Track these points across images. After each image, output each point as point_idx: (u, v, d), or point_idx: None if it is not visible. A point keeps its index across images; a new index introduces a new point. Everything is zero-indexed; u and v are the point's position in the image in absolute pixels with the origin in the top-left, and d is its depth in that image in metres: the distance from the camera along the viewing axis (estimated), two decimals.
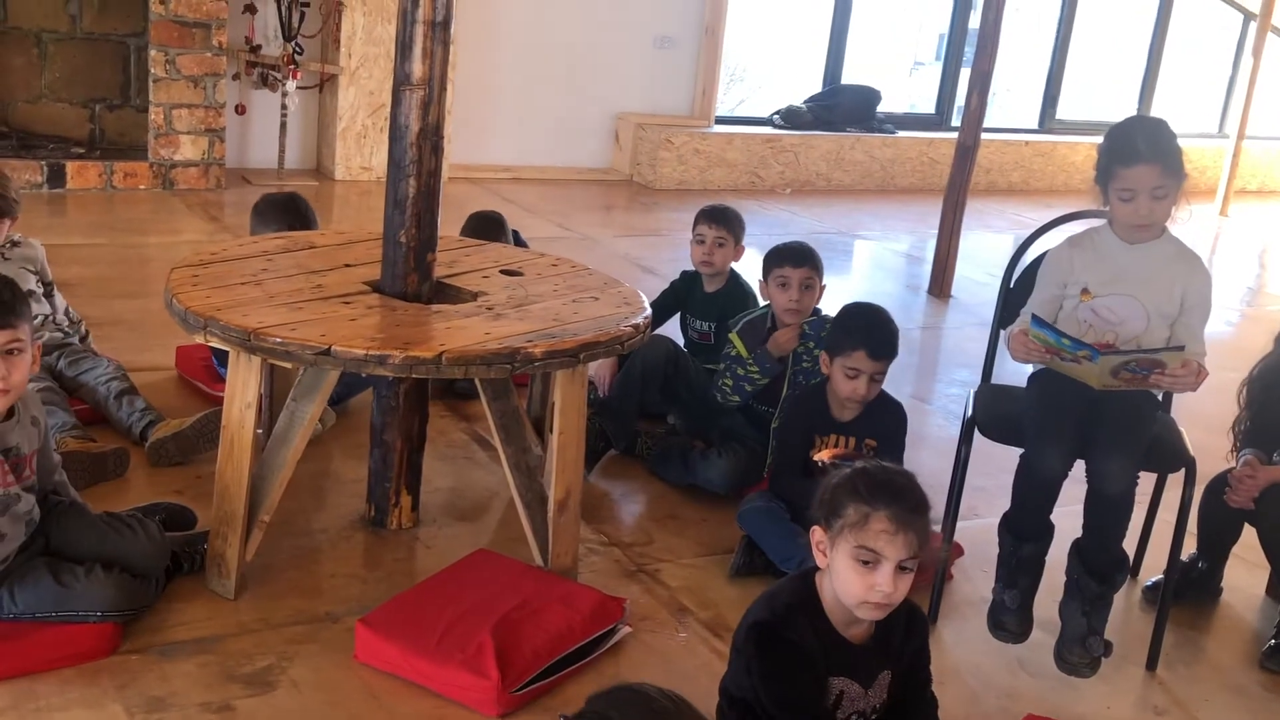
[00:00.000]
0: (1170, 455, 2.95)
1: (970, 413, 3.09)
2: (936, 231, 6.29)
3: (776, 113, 8.42)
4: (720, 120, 8.24)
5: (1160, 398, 3.03)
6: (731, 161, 8.02)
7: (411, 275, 2.97)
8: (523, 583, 2.78)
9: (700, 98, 8.09)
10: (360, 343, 2.59)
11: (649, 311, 3.06)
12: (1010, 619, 2.86)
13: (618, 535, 3.30)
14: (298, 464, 2.83)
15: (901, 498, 2.00)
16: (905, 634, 2.15)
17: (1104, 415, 2.77)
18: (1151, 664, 2.95)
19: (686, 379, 3.78)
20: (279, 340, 2.58)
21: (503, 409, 3.00)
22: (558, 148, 7.89)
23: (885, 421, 3.17)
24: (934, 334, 5.69)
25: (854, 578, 2.00)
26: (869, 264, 7.04)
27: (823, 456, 3.13)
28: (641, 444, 3.77)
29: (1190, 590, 3.25)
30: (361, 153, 7.03)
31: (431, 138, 2.93)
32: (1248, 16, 10.27)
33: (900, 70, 12.69)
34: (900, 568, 1.99)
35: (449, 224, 5.76)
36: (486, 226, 4.18)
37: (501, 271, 3.26)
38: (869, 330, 3.13)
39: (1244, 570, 3.38)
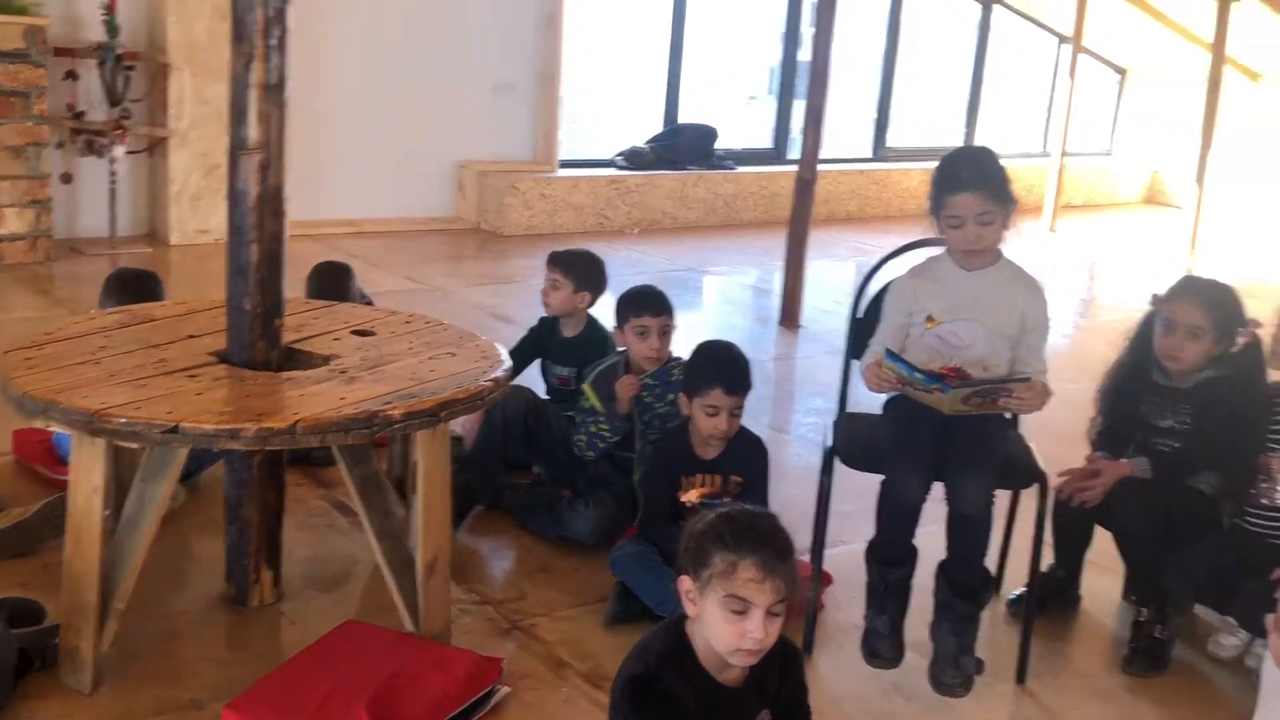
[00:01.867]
0: (1022, 471, 3.04)
1: (830, 442, 3.14)
2: (782, 264, 6.40)
3: (619, 154, 8.49)
4: (564, 164, 8.26)
5: (1010, 416, 3.12)
6: (578, 204, 8.05)
7: (259, 343, 2.90)
8: (395, 651, 2.72)
9: (542, 142, 8.11)
10: (209, 417, 2.51)
11: (509, 364, 3.04)
12: (883, 645, 2.90)
13: (489, 593, 3.26)
14: (150, 546, 2.72)
15: (767, 543, 2.00)
16: (781, 672, 2.16)
17: (958, 438, 2.85)
18: (1021, 677, 3.02)
19: (549, 428, 3.76)
20: (124, 421, 2.48)
21: (363, 474, 2.94)
22: (401, 198, 7.81)
23: (749, 457, 3.20)
24: (787, 364, 5.78)
25: (725, 626, 2.00)
26: (719, 299, 7.13)
27: (690, 498, 3.15)
28: (508, 496, 3.73)
29: (1051, 600, 3.35)
30: (197, 216, 6.85)
31: (272, 202, 2.87)
32: (1060, 39, 10.75)
33: (735, 105, 12.94)
34: (770, 613, 2.00)
35: (292, 285, 5.62)
36: (333, 276, 4.10)
37: (353, 332, 3.20)
38: (721, 367, 3.17)
39: (1098, 575, 3.49)
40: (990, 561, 2.97)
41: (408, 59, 7.60)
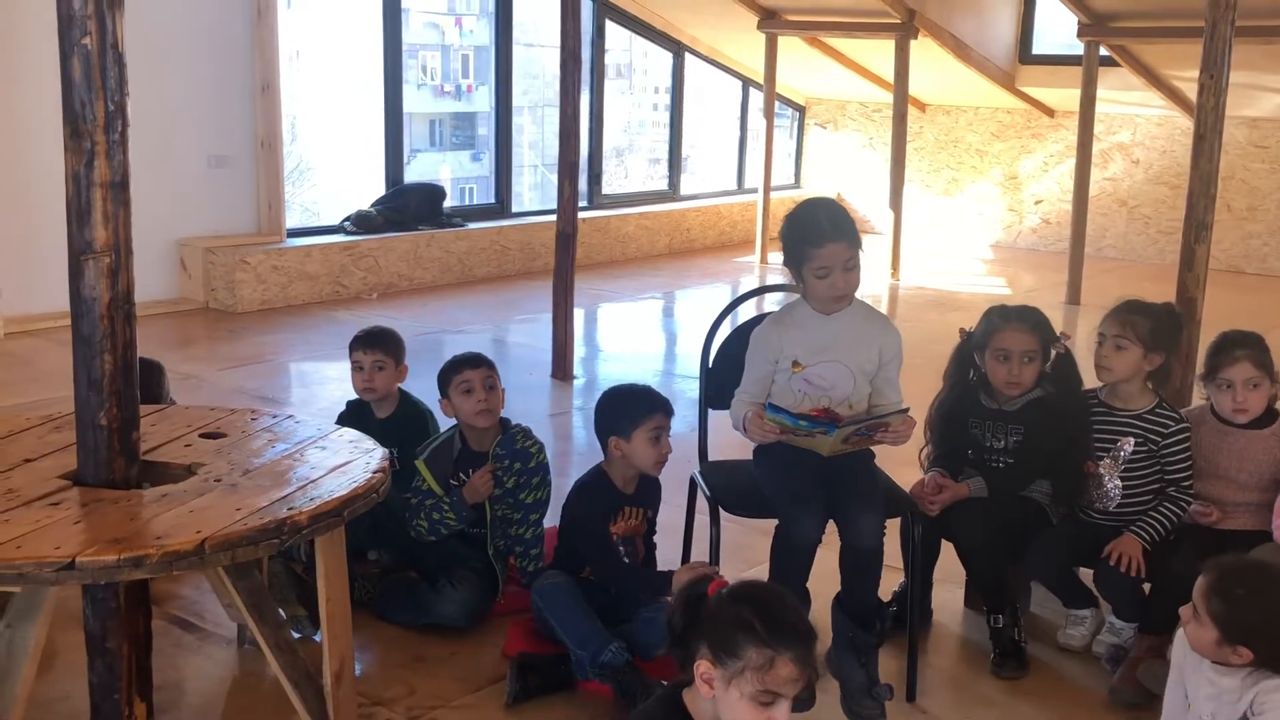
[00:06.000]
0: (892, 499, 3.19)
1: (709, 492, 3.20)
2: (524, 317, 6.43)
3: (347, 219, 8.27)
4: (292, 233, 7.98)
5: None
6: (312, 274, 7.79)
7: (118, 460, 2.65)
8: None
9: (267, 213, 7.80)
10: (103, 548, 2.29)
11: (383, 449, 2.93)
12: None
13: (375, 693, 3.11)
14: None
15: (802, 638, 2.01)
16: None
17: (843, 477, 2.97)
18: (911, 696, 3.16)
19: (392, 512, 3.63)
20: (4, 563, 2.23)
21: (250, 587, 2.76)
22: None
23: (656, 492, 3.39)
24: (567, 419, 5.80)
25: (752, 716, 1.99)
26: None
27: (618, 530, 3.28)
28: (359, 589, 3.57)
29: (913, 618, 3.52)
30: None
31: (124, 307, 2.65)
32: (746, 82, 11.33)
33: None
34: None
35: (44, 385, 5.22)
36: (146, 375, 3.79)
37: (202, 436, 2.99)
38: (650, 395, 3.31)
39: (940, 588, 3.69)
40: None
41: None
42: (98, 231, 2.60)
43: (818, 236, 2.98)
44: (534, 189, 11.09)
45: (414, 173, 10.36)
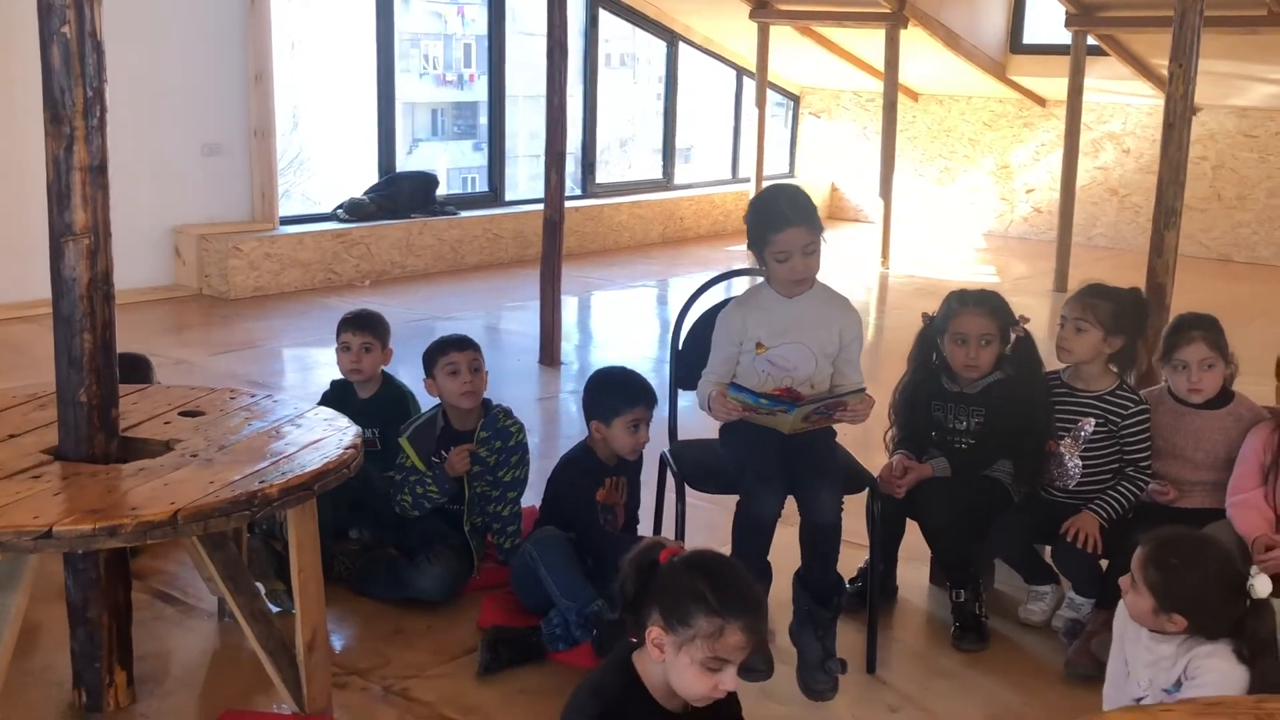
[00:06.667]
0: (854, 477, 3.28)
1: (677, 469, 3.29)
2: (514, 304, 6.51)
3: (340, 206, 8.35)
4: (285, 220, 8.06)
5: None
6: (305, 261, 7.88)
7: (98, 435, 2.76)
8: None
9: (260, 201, 7.88)
10: (80, 517, 2.39)
11: (357, 427, 3.02)
12: (755, 659, 3.04)
13: (351, 663, 3.20)
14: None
15: (751, 607, 2.08)
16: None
17: (804, 454, 3.05)
18: (871, 667, 3.25)
19: (373, 490, 3.72)
20: None
21: (226, 559, 2.85)
22: (116, 269, 7.39)
23: (635, 465, 3.53)
24: (554, 402, 5.88)
25: (700, 681, 2.07)
26: None
27: (602, 498, 3.43)
28: (339, 565, 3.66)
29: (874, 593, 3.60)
30: None
31: (102, 287, 2.77)
32: (740, 71, 11.40)
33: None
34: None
35: (36, 370, 5.30)
36: (133, 370, 3.89)
37: (181, 414, 3.08)
38: (634, 386, 3.44)
39: (904, 565, 3.78)
40: None
41: (112, 123, 7.22)
42: (77, 214, 2.70)
43: (778, 221, 3.06)
44: (535, 178, 11.12)
45: (415, 162, 10.48)
